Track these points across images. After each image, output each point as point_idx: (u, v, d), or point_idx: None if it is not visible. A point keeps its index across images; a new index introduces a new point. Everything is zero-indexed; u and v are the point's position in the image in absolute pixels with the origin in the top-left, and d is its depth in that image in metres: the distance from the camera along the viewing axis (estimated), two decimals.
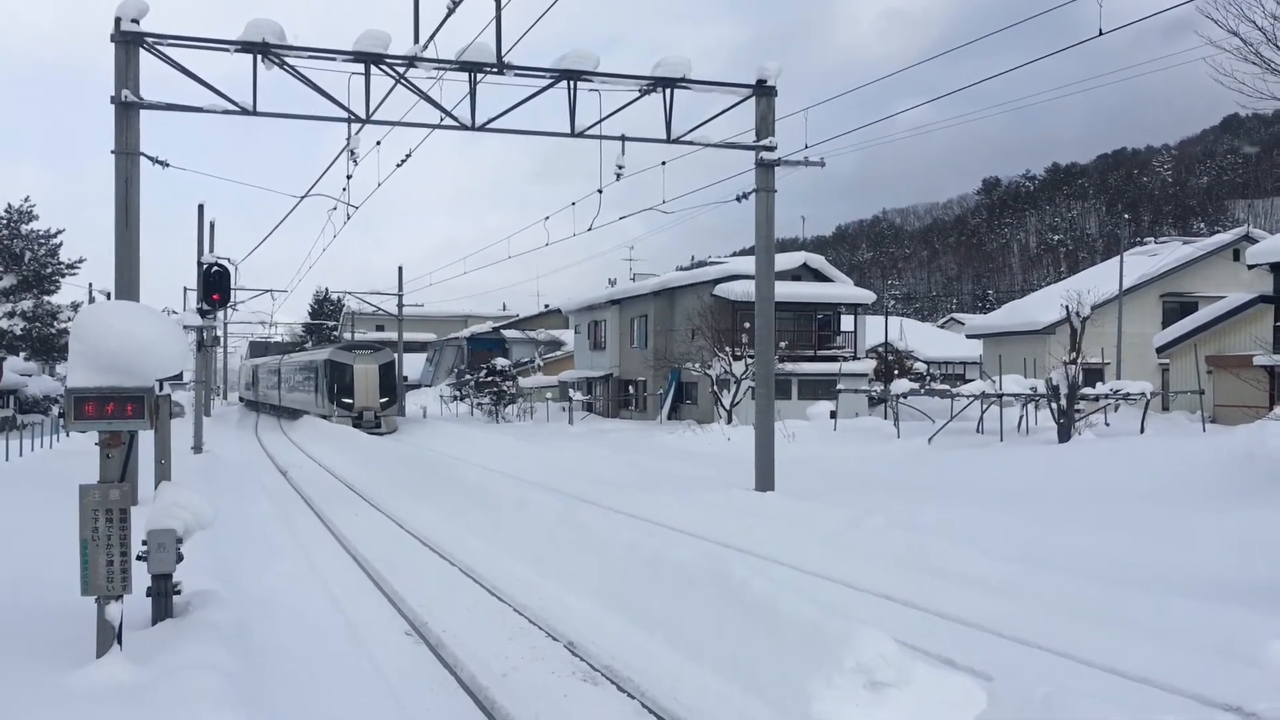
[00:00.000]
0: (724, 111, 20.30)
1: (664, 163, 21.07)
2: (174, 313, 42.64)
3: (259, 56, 17.24)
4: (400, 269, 58.54)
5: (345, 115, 18.32)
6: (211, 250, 32.98)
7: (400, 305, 57.94)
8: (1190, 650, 9.42)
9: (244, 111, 17.74)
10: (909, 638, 9.50)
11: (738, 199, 20.50)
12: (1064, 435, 25.73)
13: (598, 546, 12.87)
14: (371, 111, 18.18)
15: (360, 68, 17.81)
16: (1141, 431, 27.96)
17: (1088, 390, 29.94)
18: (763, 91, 19.74)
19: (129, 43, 16.99)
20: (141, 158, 17.45)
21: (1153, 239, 63.67)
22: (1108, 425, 30.52)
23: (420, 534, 17.21)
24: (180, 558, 8.72)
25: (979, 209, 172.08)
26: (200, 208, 33.39)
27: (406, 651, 10.24)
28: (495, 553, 15.04)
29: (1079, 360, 26.65)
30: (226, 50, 17.26)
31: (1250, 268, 38.74)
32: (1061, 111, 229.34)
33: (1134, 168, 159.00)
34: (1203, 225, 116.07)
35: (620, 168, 19.58)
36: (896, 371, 48.18)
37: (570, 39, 19.98)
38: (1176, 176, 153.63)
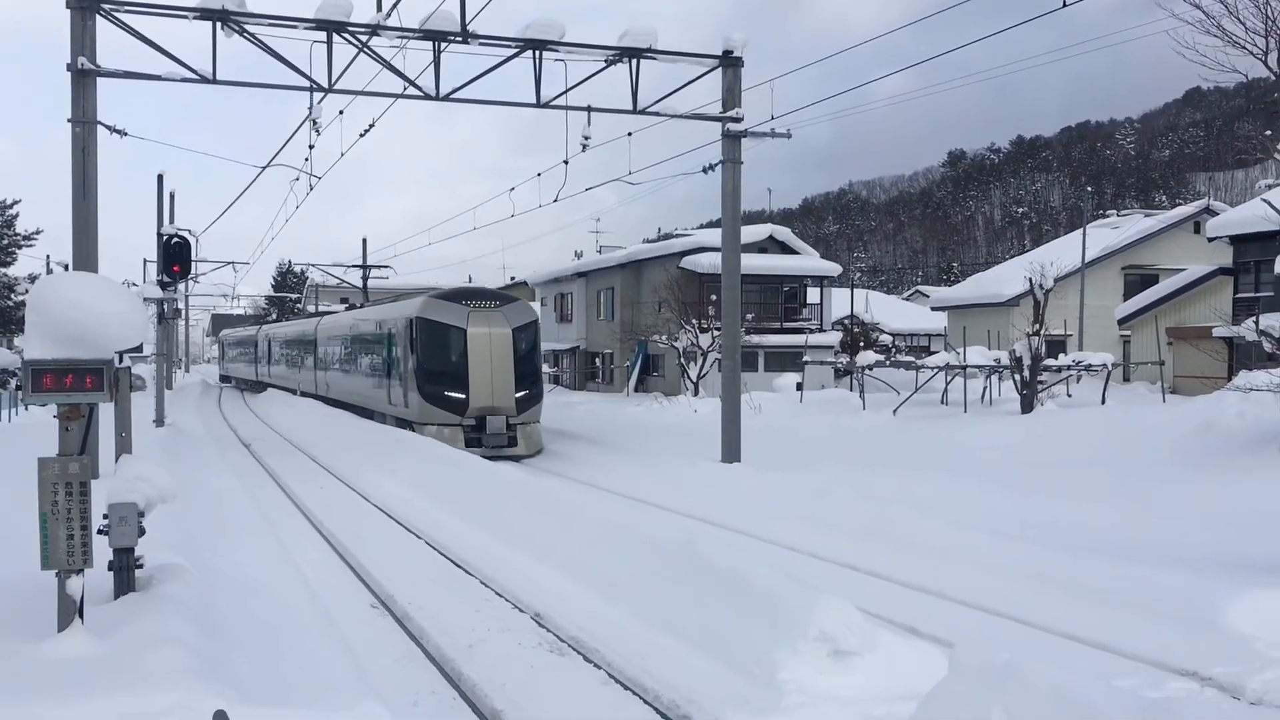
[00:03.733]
0: (690, 83, 20.23)
1: (630, 134, 20.98)
2: (134, 285, 41.97)
3: (218, 24, 16.97)
4: (364, 240, 57.74)
5: (307, 84, 18.10)
6: (172, 221, 32.50)
7: (365, 277, 57.38)
8: (1149, 616, 9.57)
9: (203, 80, 17.47)
10: (873, 607, 9.58)
11: (704, 170, 20.45)
12: (1027, 406, 25.97)
13: (565, 519, 12.89)
14: (334, 80, 17.96)
15: (322, 36, 17.57)
16: (1103, 402, 28.27)
17: (1050, 362, 30.19)
18: (729, 62, 19.67)
19: (85, 9, 16.65)
20: (99, 127, 17.16)
21: (1115, 212, 64.13)
22: (1070, 396, 30.82)
23: (385, 506, 17.16)
24: (142, 531, 8.64)
25: (944, 181, 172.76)
26: (160, 178, 32.88)
27: (372, 624, 10.23)
28: (456, 522, 15.02)
29: (1042, 332, 26.85)
30: (185, 17, 16.97)
31: (1210, 240, 39.15)
32: (1027, 84, 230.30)
33: (1097, 140, 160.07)
34: (1164, 198, 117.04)
35: (586, 139, 19.47)
36: (862, 344, 48.39)
37: (542, 7, 19.75)
38: (1139, 149, 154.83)
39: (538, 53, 18.40)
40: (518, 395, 24.67)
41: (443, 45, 18.06)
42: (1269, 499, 13.37)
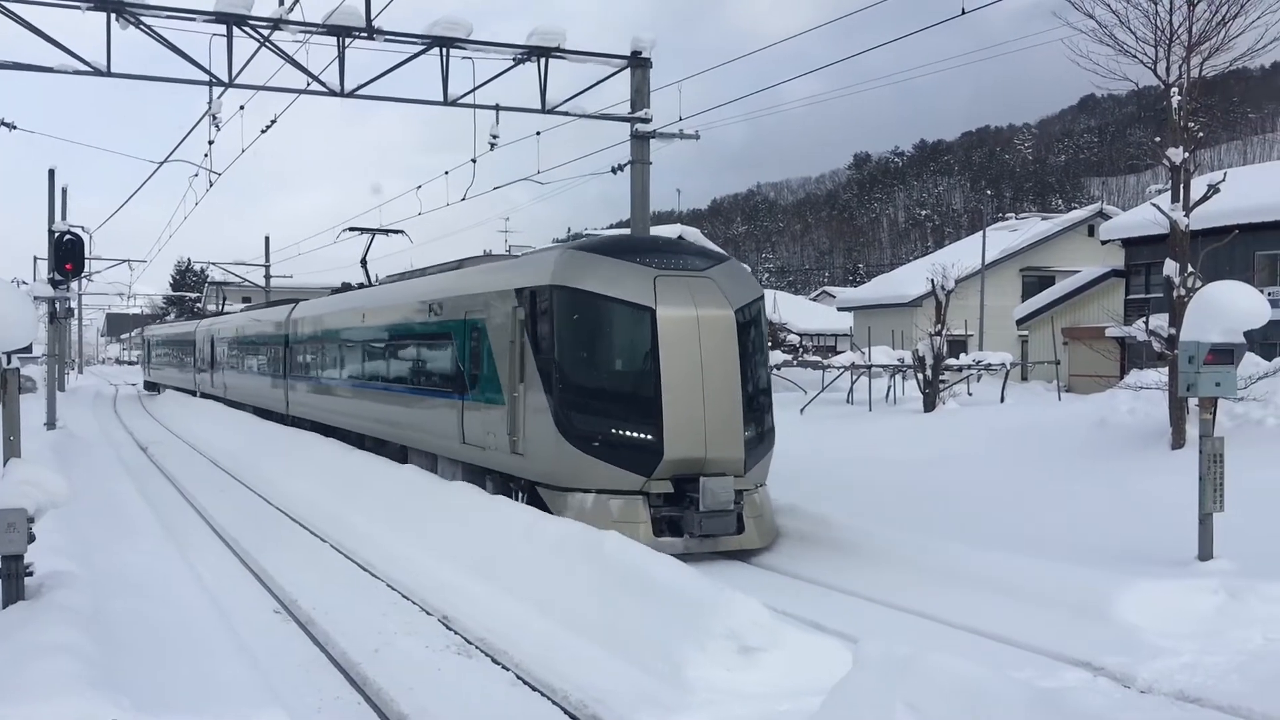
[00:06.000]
0: (599, 83, 20.21)
1: (539, 133, 20.86)
2: (23, 283, 40.61)
3: (113, 15, 16.47)
4: (267, 239, 56.43)
5: (206, 79, 17.67)
6: (64, 218, 31.52)
7: (267, 276, 56.23)
8: (1044, 609, 9.82)
9: (97, 72, 16.94)
10: (779, 603, 9.69)
11: (613, 170, 20.46)
12: (929, 405, 26.50)
13: (471, 520, 12.80)
14: (235, 75, 17.56)
15: (222, 29, 17.17)
16: (1002, 401, 28.96)
17: (952, 361, 30.89)
18: (637, 63, 19.70)
19: None
20: None
21: (1014, 215, 65.86)
22: (970, 395, 31.53)
23: (278, 502, 16.86)
24: (32, 538, 8.35)
25: (850, 184, 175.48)
26: (51, 173, 31.85)
27: (275, 630, 10.05)
28: (362, 521, 14.81)
29: (944, 332, 27.45)
30: (78, 8, 16.43)
31: (1104, 243, 40.46)
32: (931, 90, 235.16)
33: (997, 145, 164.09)
34: (1060, 202, 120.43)
35: (495, 137, 19.36)
36: (770, 344, 48.92)
37: (451, 4, 19.50)
38: (1037, 154, 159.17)
39: (445, 50, 18.21)
40: (746, 435, 13.22)
41: (347, 41, 17.77)
42: (1159, 492, 13.84)
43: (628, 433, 12.74)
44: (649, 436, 12.63)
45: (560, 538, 11.06)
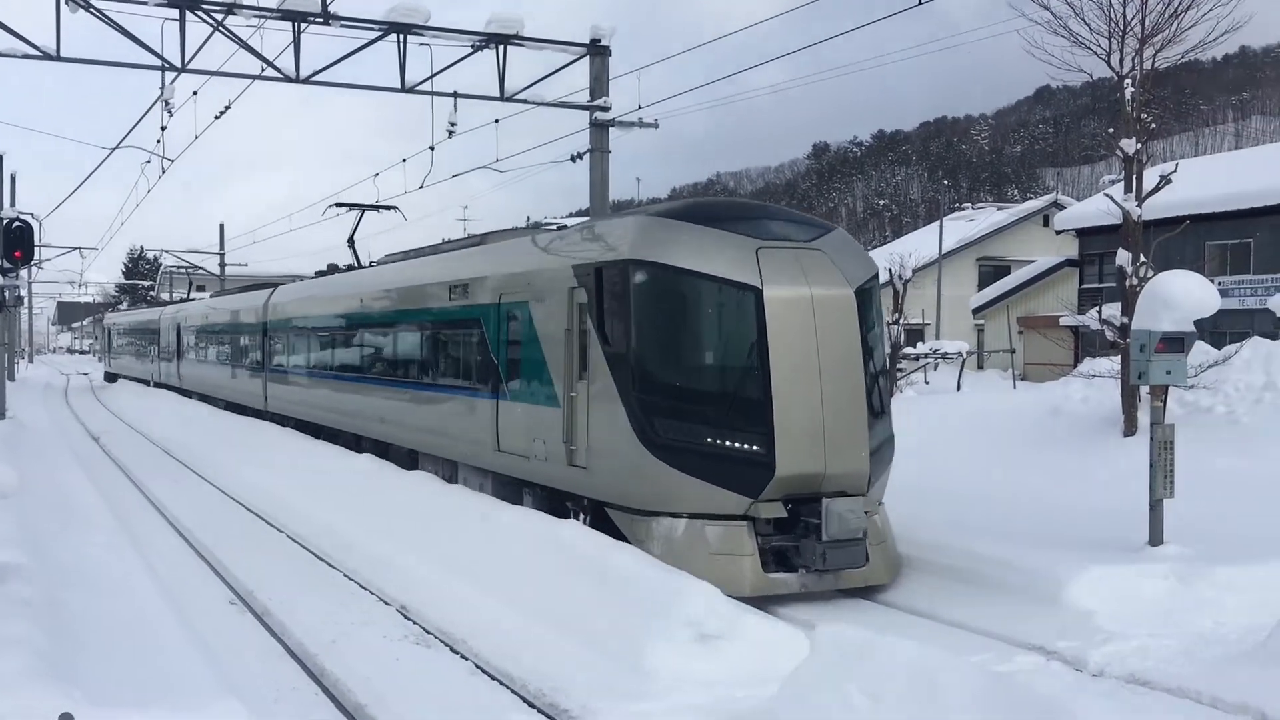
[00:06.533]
0: (558, 70, 20.15)
1: (497, 121, 20.80)
2: None
3: None
4: (221, 226, 55.78)
5: (159, 63, 17.44)
6: (13, 204, 30.99)
7: (222, 264, 55.59)
8: (999, 594, 9.94)
9: (47, 56, 16.68)
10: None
11: (572, 159, 20.41)
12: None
13: (430, 510, 12.76)
14: (188, 60, 17.35)
15: (175, 13, 16.93)
16: (958, 389, 29.26)
17: (909, 350, 31.15)
18: (596, 51, 19.65)
19: None
20: None
21: (970, 205, 66.47)
22: (927, 383, 31.82)
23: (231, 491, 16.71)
24: None
25: (809, 173, 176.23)
26: None
27: (231, 621, 9.97)
28: (319, 511, 14.71)
29: (901, 321, 27.66)
30: None
31: (1058, 233, 40.92)
32: (889, 80, 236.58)
33: (954, 136, 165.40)
34: (1016, 192, 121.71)
35: (453, 125, 19.28)
36: None
37: None
38: (993, 145, 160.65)
39: (402, 36, 18.08)
40: (872, 446, 10.89)
41: (303, 26, 17.59)
42: (1111, 479, 14.02)
43: (730, 442, 10.25)
44: (757, 447, 10.18)
45: (516, 526, 11.05)
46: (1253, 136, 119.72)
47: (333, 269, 24.59)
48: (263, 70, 18.17)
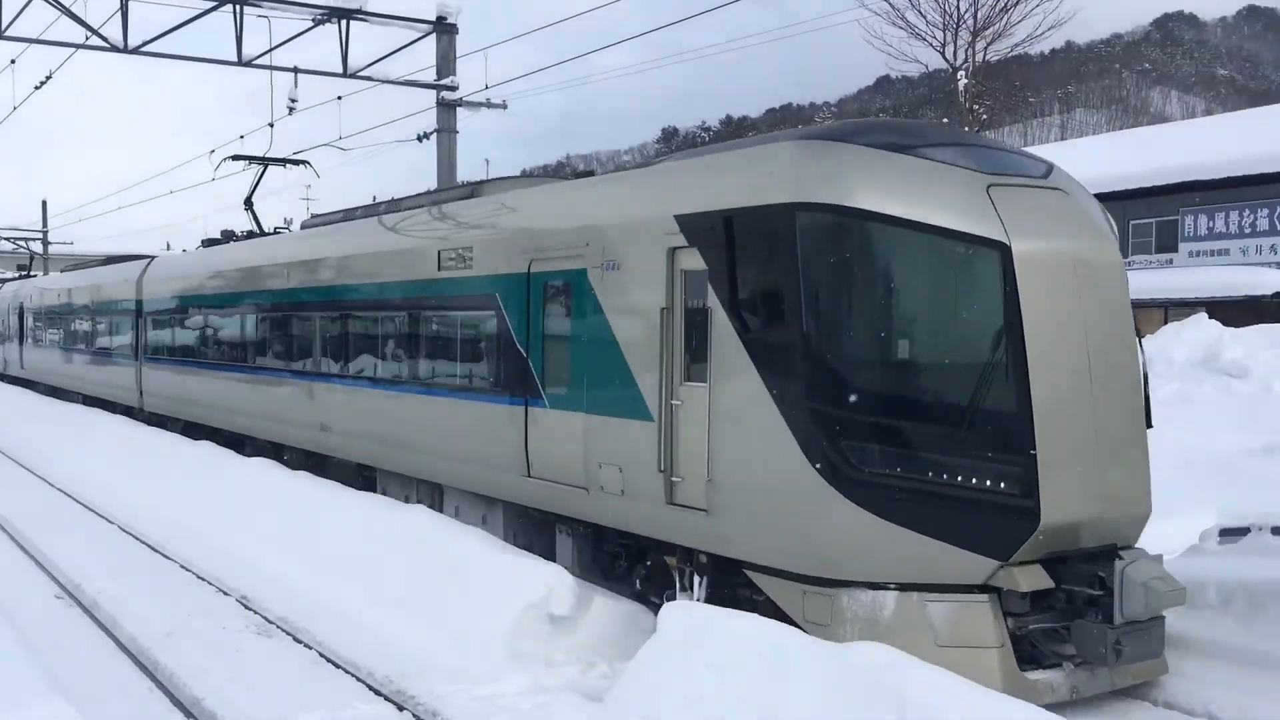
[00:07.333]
0: (404, 47, 19.74)
1: (340, 98, 20.32)
2: None
3: None
4: (44, 203, 53.01)
5: None
6: None
7: (45, 244, 52.74)
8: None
9: None
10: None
11: (419, 139, 20.09)
12: None
13: (273, 497, 12.42)
14: (4, 27, 16.39)
15: None
16: None
17: None
18: (443, 29, 19.34)
19: None
20: None
21: None
22: None
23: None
24: None
25: (657, 156, 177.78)
26: None
27: (57, 616, 9.52)
28: (160, 503, 14.16)
29: None
30: None
31: None
32: (737, 66, 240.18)
33: (799, 123, 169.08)
34: None
35: (293, 101, 18.74)
36: None
37: None
38: None
39: (239, 7, 17.44)
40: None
41: None
42: None
43: (968, 477, 7.02)
44: (1009, 484, 7.01)
45: (364, 513, 10.83)
46: (1076, 129, 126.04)
47: (229, 235, 20.78)
48: (87, 38, 17.29)
